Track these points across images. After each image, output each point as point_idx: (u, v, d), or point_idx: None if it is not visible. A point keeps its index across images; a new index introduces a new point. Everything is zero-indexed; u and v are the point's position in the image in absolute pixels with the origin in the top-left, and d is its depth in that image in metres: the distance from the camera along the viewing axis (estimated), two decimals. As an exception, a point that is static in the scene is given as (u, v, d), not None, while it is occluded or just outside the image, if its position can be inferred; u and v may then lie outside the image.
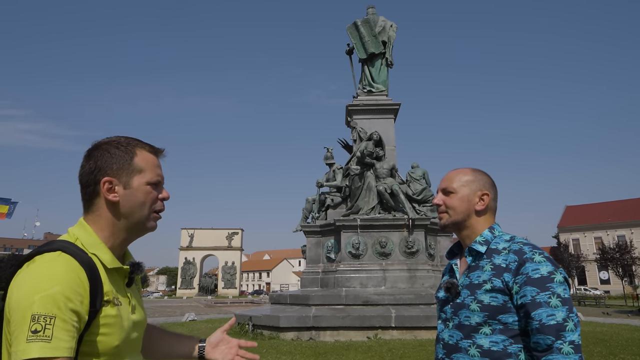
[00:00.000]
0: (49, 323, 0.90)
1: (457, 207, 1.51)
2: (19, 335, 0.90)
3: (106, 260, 1.09)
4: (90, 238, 1.10)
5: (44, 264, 0.98)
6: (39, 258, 1.00)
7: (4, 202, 27.69)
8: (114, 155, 1.13)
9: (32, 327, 0.89)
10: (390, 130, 13.38)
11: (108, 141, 1.17)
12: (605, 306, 30.32)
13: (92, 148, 1.15)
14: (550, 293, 1.26)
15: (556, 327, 1.22)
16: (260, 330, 9.71)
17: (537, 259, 1.31)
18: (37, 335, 0.89)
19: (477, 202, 1.50)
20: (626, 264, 38.38)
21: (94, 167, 1.12)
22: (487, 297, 1.34)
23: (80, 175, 1.14)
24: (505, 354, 1.30)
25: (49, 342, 0.89)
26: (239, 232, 67.36)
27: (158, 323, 12.02)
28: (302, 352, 7.50)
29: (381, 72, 13.97)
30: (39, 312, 0.90)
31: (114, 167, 1.12)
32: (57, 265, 0.97)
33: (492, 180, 1.56)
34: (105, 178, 1.11)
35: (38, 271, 0.97)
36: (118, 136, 1.19)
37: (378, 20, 13.93)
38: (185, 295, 59.84)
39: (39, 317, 0.90)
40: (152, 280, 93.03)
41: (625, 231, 54.99)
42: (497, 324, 1.32)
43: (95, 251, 1.08)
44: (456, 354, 1.39)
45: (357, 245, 11.05)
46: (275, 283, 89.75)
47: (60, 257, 0.99)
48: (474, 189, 1.51)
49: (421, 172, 12.86)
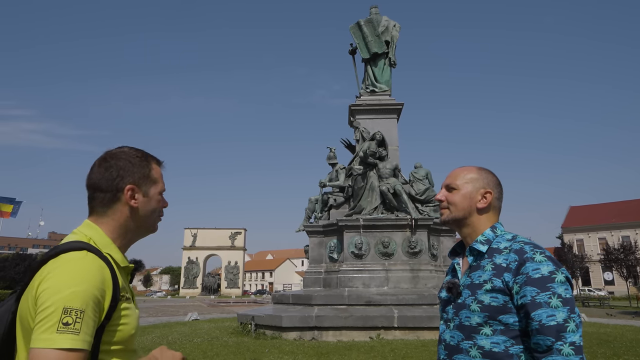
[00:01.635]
0: (79, 317, 0.97)
1: (459, 203, 1.50)
2: (46, 325, 0.95)
3: (118, 259, 1.19)
4: (102, 239, 1.19)
5: (74, 262, 1.05)
6: (66, 256, 1.07)
7: (9, 201, 27.84)
8: (136, 165, 1.26)
9: (63, 319, 0.96)
10: (393, 130, 13.36)
11: (127, 152, 1.28)
12: (609, 307, 30.18)
13: (110, 157, 1.25)
14: (550, 293, 1.24)
15: (556, 328, 1.20)
16: (262, 330, 9.72)
17: (538, 259, 1.29)
18: (67, 328, 0.95)
19: (479, 199, 1.49)
20: (631, 265, 38.06)
21: (116, 175, 1.22)
22: (488, 297, 1.33)
23: (97, 180, 1.22)
24: (506, 355, 1.28)
25: (77, 335, 0.96)
26: (242, 232, 67.43)
27: (161, 322, 11.99)
28: (305, 352, 7.49)
29: (384, 72, 13.95)
30: (71, 305, 0.97)
31: (136, 176, 1.25)
32: (86, 264, 1.06)
33: (497, 179, 1.55)
34: (129, 186, 1.23)
35: (69, 267, 1.04)
36: (129, 147, 1.31)
37: (381, 20, 13.90)
38: (188, 295, 59.99)
39: (70, 311, 0.97)
40: (155, 279, 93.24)
41: (630, 232, 54.65)
42: (498, 325, 1.30)
43: (109, 251, 1.18)
44: (457, 355, 1.38)
45: (359, 245, 11.04)
46: (278, 283, 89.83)
47: (87, 256, 1.08)
48: (477, 187, 1.51)
49: (424, 172, 12.84)
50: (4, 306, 1.12)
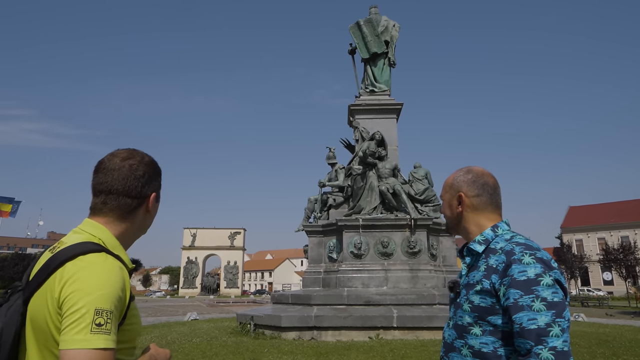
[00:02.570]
0: (110, 318, 1.01)
1: (446, 213, 1.57)
2: (80, 326, 0.98)
3: (126, 260, 1.20)
4: (111, 240, 1.19)
5: (98, 264, 1.07)
6: (87, 258, 1.08)
7: (8, 201, 27.81)
8: (157, 172, 1.30)
9: (96, 320, 0.98)
10: (392, 130, 13.36)
11: (148, 157, 1.30)
12: (608, 307, 30.22)
13: (139, 162, 1.25)
14: (534, 296, 1.21)
15: (537, 332, 1.18)
16: (262, 330, 9.72)
17: (525, 260, 1.26)
18: (100, 328, 0.98)
19: (457, 205, 1.51)
20: (630, 265, 38.08)
21: (145, 182, 1.24)
22: (477, 298, 1.33)
23: (125, 185, 1.21)
24: (495, 355, 1.28)
25: (109, 335, 1.00)
26: (241, 232, 67.43)
27: (160, 322, 11.95)
28: (304, 352, 7.49)
29: (384, 72, 13.94)
30: (102, 307, 1.00)
31: (157, 184, 1.30)
32: (109, 266, 1.08)
33: (475, 175, 1.50)
34: (154, 194, 1.28)
35: (95, 270, 1.05)
36: (141, 152, 1.31)
37: (381, 20, 13.90)
38: (188, 295, 59.98)
39: (102, 312, 1.00)
40: (154, 279, 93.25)
41: (629, 232, 54.70)
42: (487, 325, 1.30)
43: (118, 252, 1.18)
44: (451, 353, 1.41)
45: (359, 245, 11.04)
46: (277, 283, 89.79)
47: (109, 259, 1.10)
48: (452, 193, 1.53)
49: (423, 172, 12.84)
50: (12, 308, 1.10)
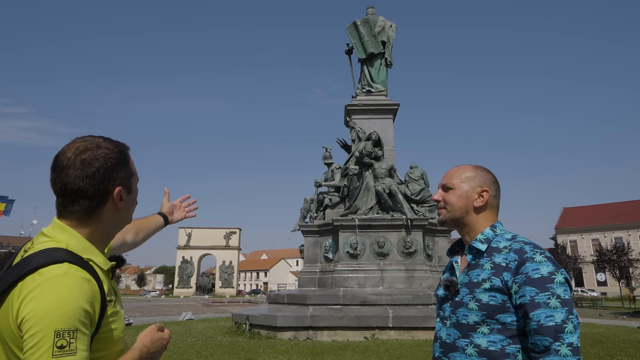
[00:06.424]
0: (73, 337, 0.92)
1: (456, 203, 1.50)
2: (40, 351, 0.90)
3: (100, 262, 1.09)
4: (79, 243, 1.07)
5: (57, 279, 0.95)
6: (46, 272, 0.96)
7: (1, 199, 27.59)
8: (119, 162, 1.11)
9: (57, 342, 0.90)
10: (389, 130, 13.38)
11: (104, 146, 1.10)
12: (602, 308, 30.39)
13: (89, 155, 1.07)
14: (549, 294, 1.24)
15: (554, 329, 1.21)
16: (257, 330, 9.69)
17: (537, 259, 1.29)
18: (63, 351, 0.90)
19: (476, 198, 1.49)
20: (623, 266, 38.32)
21: (102, 177, 1.07)
22: (486, 296, 1.33)
23: (78, 185, 1.05)
24: (503, 354, 1.28)
25: (74, 356, 0.92)
26: (236, 232, 67.34)
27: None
28: (299, 352, 7.48)
29: (380, 72, 13.96)
30: (62, 327, 0.91)
31: (122, 175, 1.12)
32: (71, 279, 0.97)
33: (494, 177, 1.54)
34: (118, 188, 1.11)
35: (53, 286, 0.94)
36: (99, 138, 1.12)
37: (377, 20, 13.92)
38: (183, 295, 59.77)
39: (63, 333, 0.91)
40: (149, 279, 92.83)
41: (622, 233, 55.08)
42: (495, 324, 1.31)
43: (90, 256, 1.07)
44: (453, 353, 1.38)
45: (355, 245, 11.04)
46: (272, 283, 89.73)
47: (71, 270, 0.98)
48: (473, 186, 1.50)
49: (420, 173, 12.87)
50: None
